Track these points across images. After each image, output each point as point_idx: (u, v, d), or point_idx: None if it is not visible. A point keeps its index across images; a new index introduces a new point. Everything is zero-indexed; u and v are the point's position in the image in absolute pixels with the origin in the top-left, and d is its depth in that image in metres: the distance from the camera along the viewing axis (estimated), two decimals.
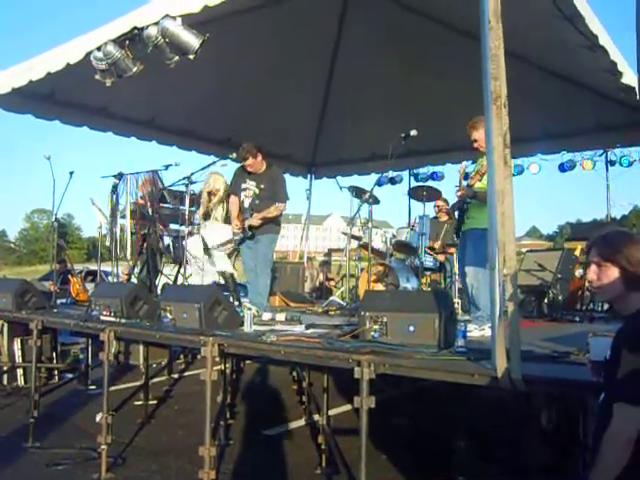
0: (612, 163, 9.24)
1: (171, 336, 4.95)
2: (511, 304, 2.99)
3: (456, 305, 5.67)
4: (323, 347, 3.94)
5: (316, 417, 5.99)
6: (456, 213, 5.92)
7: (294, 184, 11.90)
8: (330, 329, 5.13)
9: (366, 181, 11.92)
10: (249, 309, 5.09)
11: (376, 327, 4.02)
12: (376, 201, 7.35)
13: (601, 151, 9.28)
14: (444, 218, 9.32)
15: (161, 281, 8.16)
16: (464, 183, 5.65)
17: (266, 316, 5.69)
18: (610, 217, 10.40)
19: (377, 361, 3.48)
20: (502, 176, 3.05)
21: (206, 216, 7.76)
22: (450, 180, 11.19)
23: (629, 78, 6.22)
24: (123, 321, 5.33)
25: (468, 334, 4.08)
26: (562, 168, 9.53)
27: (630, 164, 9.06)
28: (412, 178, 11.40)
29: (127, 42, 5.14)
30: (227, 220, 7.40)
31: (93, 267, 17.27)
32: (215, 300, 4.93)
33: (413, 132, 5.92)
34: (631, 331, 2.14)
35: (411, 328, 3.93)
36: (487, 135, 3.21)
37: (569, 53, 6.20)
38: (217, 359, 4.41)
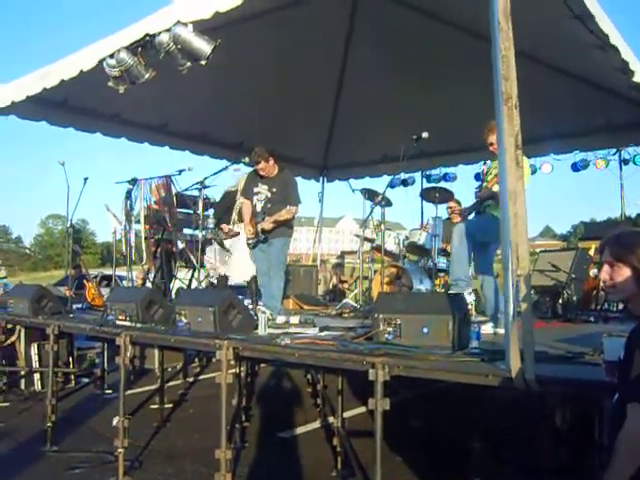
0: (626, 162, 9.19)
1: (186, 340, 4.99)
2: (524, 305, 2.99)
3: (469, 306, 5.67)
4: (337, 349, 3.95)
5: (331, 419, 5.99)
6: (472, 214, 5.91)
7: (306, 187, 11.94)
8: (344, 331, 5.13)
9: (378, 183, 11.94)
10: (263, 312, 5.11)
11: (390, 329, 4.02)
12: (388, 203, 7.35)
13: (614, 150, 9.21)
14: (457, 219, 9.28)
15: (175, 285, 8.23)
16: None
17: (280, 319, 5.72)
18: (624, 216, 10.32)
19: (391, 363, 3.48)
20: (514, 177, 3.06)
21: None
22: (463, 181, 11.18)
23: None
24: (139, 325, 5.38)
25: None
26: (575, 167, 9.49)
27: None
28: (424, 180, 11.39)
29: (139, 49, 5.17)
30: None
31: (108, 272, 17.41)
32: (229, 304, 4.96)
33: (425, 134, 5.93)
34: None
35: (425, 330, 3.94)
36: (498, 136, 3.22)
37: (580, 52, 6.16)
38: (232, 362, 4.44)
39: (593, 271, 8.04)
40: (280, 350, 4.17)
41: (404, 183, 11.75)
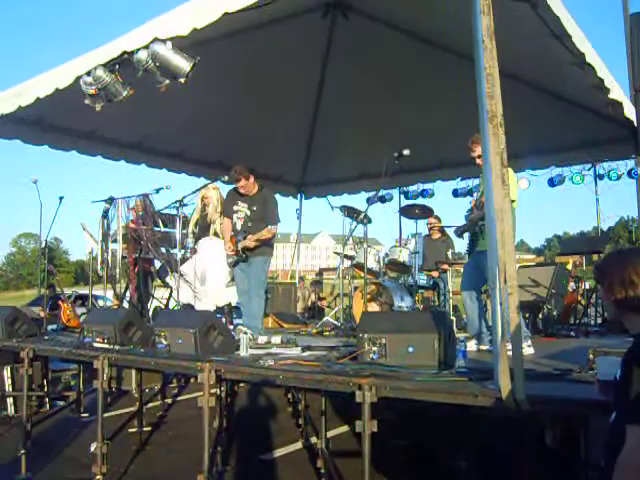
0: (601, 177, 9.29)
1: (167, 362, 4.88)
2: (514, 324, 2.97)
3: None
4: (322, 371, 3.89)
5: (313, 440, 5.91)
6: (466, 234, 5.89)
7: (284, 204, 11.85)
8: (327, 351, 5.08)
9: (356, 200, 11.90)
10: (245, 333, 5.03)
11: (375, 349, 3.98)
12: (369, 220, 7.32)
13: (589, 165, 9.32)
14: (436, 236, 9.33)
15: (152, 305, 8.11)
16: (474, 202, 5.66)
17: (262, 339, 5.64)
18: (600, 230, 10.42)
19: (378, 384, 3.44)
20: (501, 195, 3.05)
21: (202, 228, 7.69)
22: (440, 197, 11.22)
23: (616, 93, 6.29)
24: (117, 348, 5.25)
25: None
26: (551, 183, 9.56)
27: (618, 177, 9.10)
28: (402, 196, 11.40)
29: (117, 66, 5.11)
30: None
31: (82, 291, 17.17)
32: (210, 325, 4.88)
33: (406, 152, 5.94)
34: None
35: (410, 349, 3.91)
36: (484, 154, 3.21)
37: (557, 70, 6.26)
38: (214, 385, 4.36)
39: (571, 285, 8.11)
40: (264, 372, 4.10)
41: (382, 199, 11.74)
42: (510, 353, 3.00)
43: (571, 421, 3.20)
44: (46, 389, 7.64)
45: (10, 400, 7.39)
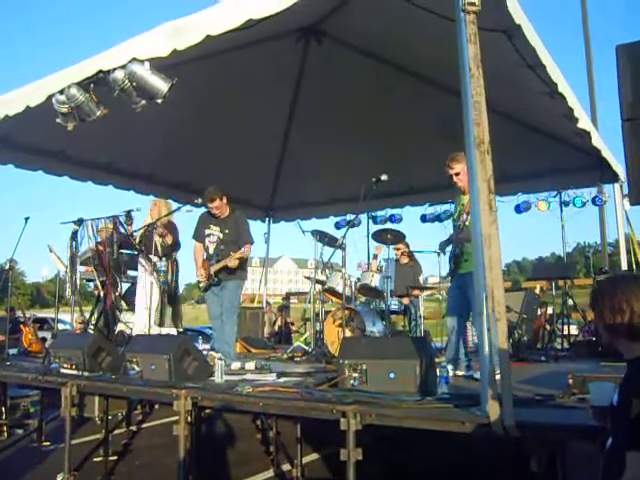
0: (566, 204, 9.46)
1: (140, 390, 4.75)
2: (502, 349, 2.96)
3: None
4: (304, 398, 3.82)
5: (285, 467, 5.79)
6: (447, 254, 5.88)
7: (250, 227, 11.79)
8: (302, 377, 5.02)
9: (324, 224, 11.88)
10: (220, 359, 4.92)
11: (355, 375, 3.94)
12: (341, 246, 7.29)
13: (555, 192, 9.49)
14: (405, 261, 9.36)
15: (117, 329, 7.91)
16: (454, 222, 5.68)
17: (235, 365, 5.54)
18: (558, 256, 10.60)
19: (363, 411, 3.39)
20: (488, 221, 3.06)
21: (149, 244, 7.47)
22: (407, 222, 11.27)
23: (584, 123, 6.45)
24: (86, 374, 5.09)
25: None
26: (518, 209, 9.70)
27: (583, 205, 9.28)
28: (370, 221, 11.42)
29: (92, 85, 5.00)
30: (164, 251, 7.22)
31: (40, 314, 16.74)
32: (185, 350, 4.78)
33: (384, 177, 5.98)
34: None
35: (391, 375, 3.88)
36: (470, 180, 3.23)
37: (529, 99, 6.39)
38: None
39: (540, 310, 8.19)
40: (243, 399, 4.02)
41: (350, 224, 11.76)
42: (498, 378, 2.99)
43: (554, 446, 3.19)
44: (4, 417, 7.33)
45: None
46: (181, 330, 7.68)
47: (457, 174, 5.34)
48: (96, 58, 4.93)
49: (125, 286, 8.28)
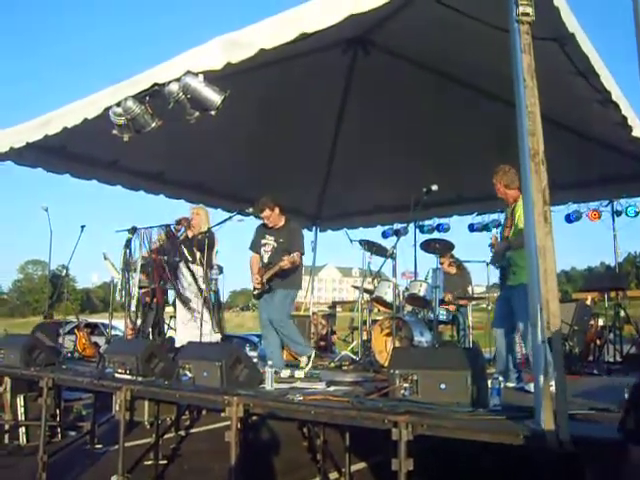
0: (618, 213, 9.26)
1: (192, 395, 4.82)
2: (557, 362, 2.93)
3: None
4: (355, 407, 3.83)
5: (332, 475, 5.81)
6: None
7: None
8: (351, 386, 5.03)
9: (371, 233, 11.91)
10: (270, 367, 4.97)
11: (406, 385, 3.94)
12: (388, 254, 7.29)
13: (606, 202, 9.30)
14: (453, 271, 9.29)
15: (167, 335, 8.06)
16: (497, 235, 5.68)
17: (284, 373, 5.59)
18: (607, 266, 10.39)
19: (415, 422, 3.37)
20: (543, 232, 3.04)
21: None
22: (455, 232, 11.20)
23: (639, 131, 6.31)
24: (140, 379, 5.21)
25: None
26: (569, 219, 9.53)
27: (637, 214, 9.07)
28: (417, 230, 11.36)
29: (147, 98, 5.14)
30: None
31: (90, 319, 17.18)
32: (236, 358, 4.85)
33: (434, 187, 6.01)
34: None
35: (442, 386, 3.86)
36: (524, 191, 3.22)
37: (580, 107, 6.29)
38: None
39: (592, 322, 8.02)
40: (294, 407, 4.05)
41: (397, 233, 11.73)
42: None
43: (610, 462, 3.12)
44: (59, 419, 7.54)
45: (22, 429, 7.29)
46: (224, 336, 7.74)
47: (496, 187, 5.36)
48: (152, 71, 5.08)
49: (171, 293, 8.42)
